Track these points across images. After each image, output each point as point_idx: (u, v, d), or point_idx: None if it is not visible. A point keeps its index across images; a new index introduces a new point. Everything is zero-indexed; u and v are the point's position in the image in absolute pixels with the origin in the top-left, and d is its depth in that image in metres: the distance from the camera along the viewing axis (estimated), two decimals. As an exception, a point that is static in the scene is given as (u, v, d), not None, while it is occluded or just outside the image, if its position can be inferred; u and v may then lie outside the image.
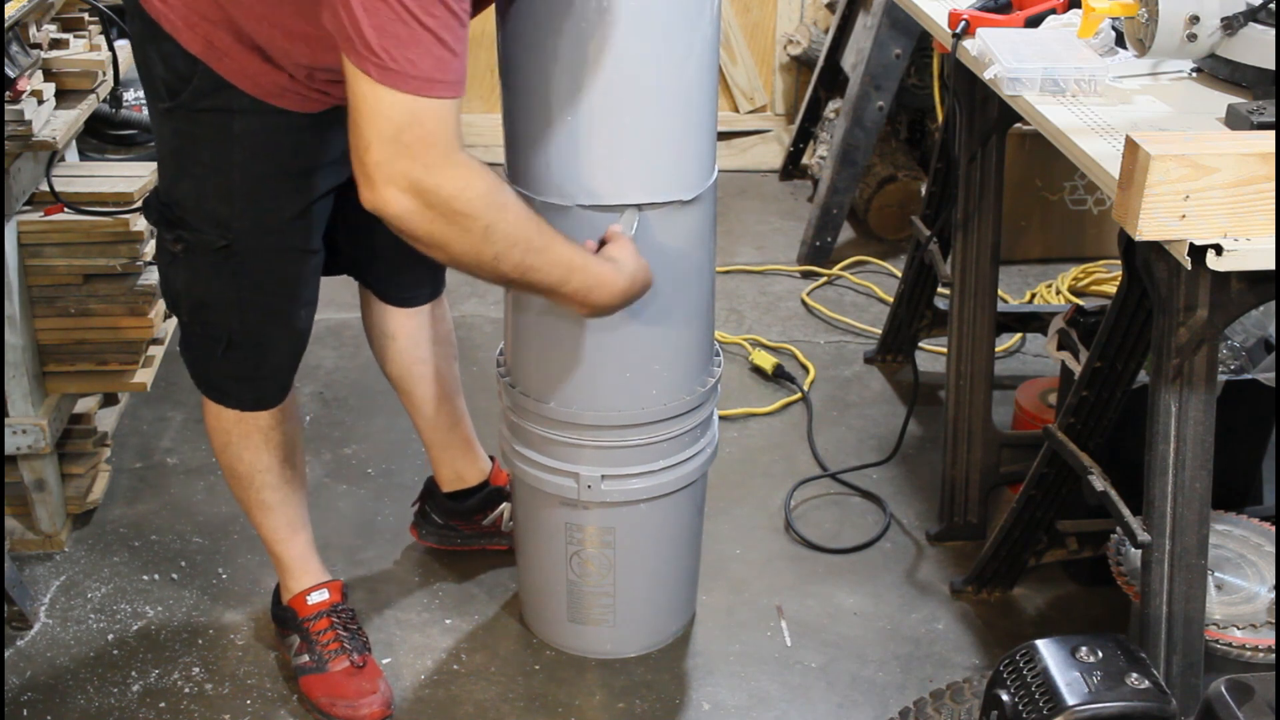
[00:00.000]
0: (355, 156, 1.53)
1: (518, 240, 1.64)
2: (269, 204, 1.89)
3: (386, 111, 1.49)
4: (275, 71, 1.77)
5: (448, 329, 2.34)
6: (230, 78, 1.77)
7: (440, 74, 1.50)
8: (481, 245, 1.61)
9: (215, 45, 1.76)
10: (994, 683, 1.62)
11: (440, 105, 1.51)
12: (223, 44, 1.75)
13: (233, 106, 1.78)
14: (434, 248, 1.60)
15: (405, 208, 1.53)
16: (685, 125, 1.88)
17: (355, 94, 1.51)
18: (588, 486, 2.07)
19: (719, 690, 2.23)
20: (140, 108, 3.52)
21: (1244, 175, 1.53)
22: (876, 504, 2.70)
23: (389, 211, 1.54)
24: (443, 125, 1.52)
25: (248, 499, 2.15)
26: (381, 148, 1.50)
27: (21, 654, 2.27)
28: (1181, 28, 1.86)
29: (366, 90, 1.49)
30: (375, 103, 1.49)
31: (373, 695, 2.14)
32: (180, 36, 1.76)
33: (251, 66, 1.77)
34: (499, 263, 1.64)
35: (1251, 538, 2.04)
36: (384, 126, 1.50)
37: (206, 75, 1.78)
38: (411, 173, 1.52)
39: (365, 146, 1.51)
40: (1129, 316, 1.93)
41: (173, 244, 1.93)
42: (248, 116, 1.80)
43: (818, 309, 3.47)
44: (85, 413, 2.60)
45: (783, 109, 4.51)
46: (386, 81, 1.48)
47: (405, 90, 1.48)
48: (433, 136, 1.51)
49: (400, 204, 1.53)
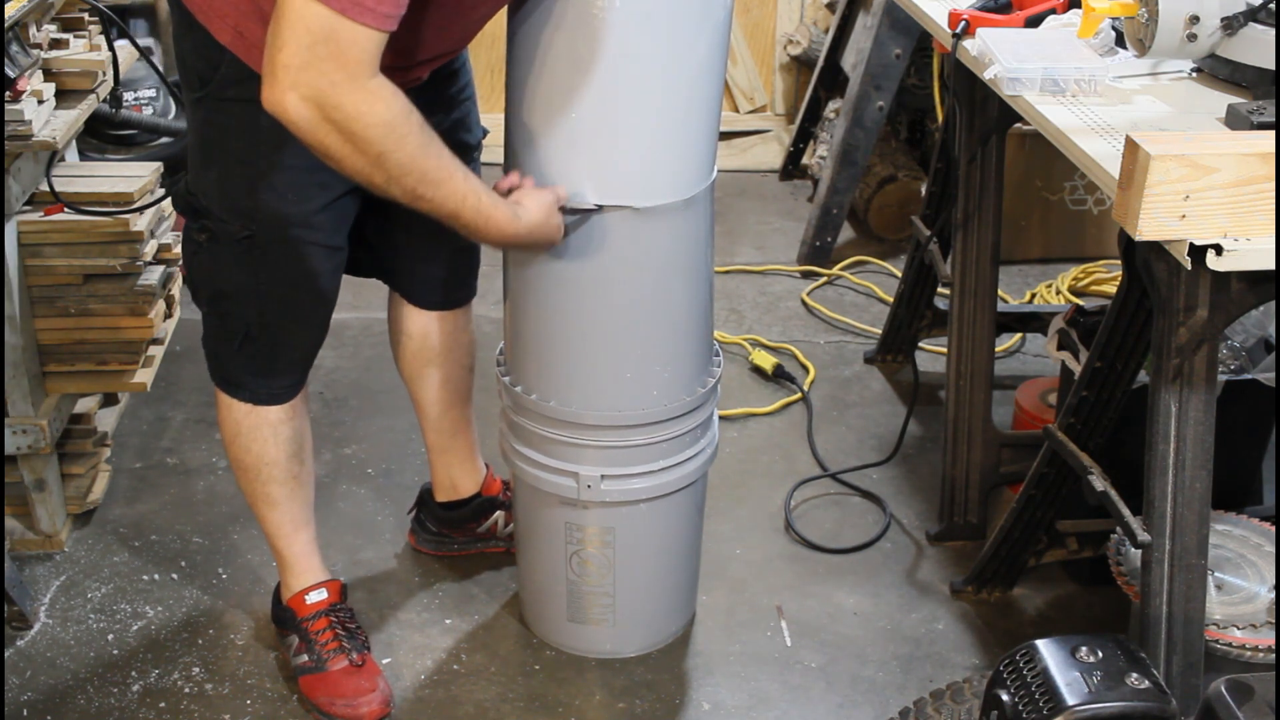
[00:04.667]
0: (267, 54, 1.56)
1: (411, 171, 1.67)
2: (293, 196, 1.90)
3: (308, 20, 1.53)
4: None
5: (468, 339, 2.35)
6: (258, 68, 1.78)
7: (371, 2, 1.53)
8: (372, 169, 1.64)
9: (245, 35, 1.77)
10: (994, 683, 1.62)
11: (360, 30, 1.54)
12: (252, 34, 1.76)
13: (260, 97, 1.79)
14: (325, 158, 1.64)
15: (302, 115, 1.57)
16: (686, 126, 1.89)
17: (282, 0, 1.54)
18: (588, 486, 2.07)
19: (719, 690, 2.23)
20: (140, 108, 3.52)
21: (1244, 175, 1.53)
22: (876, 504, 2.70)
23: (286, 115, 1.58)
24: (357, 48, 1.55)
25: (253, 492, 2.16)
26: (295, 52, 1.54)
27: (21, 654, 2.27)
28: (1181, 28, 1.86)
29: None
30: (300, 9, 1.52)
31: (372, 694, 2.14)
32: (211, 25, 1.79)
33: None
34: (390, 186, 1.68)
35: (1251, 538, 2.04)
36: (301, 33, 1.53)
37: (234, 64, 1.79)
38: (317, 83, 1.55)
39: (279, 46, 1.54)
40: (1129, 316, 1.93)
41: (198, 233, 1.95)
42: None
43: (818, 309, 3.47)
44: (85, 413, 2.61)
45: (783, 109, 4.51)
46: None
47: (331, 6, 1.52)
48: (345, 56, 1.54)
49: (298, 110, 1.57)
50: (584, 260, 1.92)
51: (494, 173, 2.07)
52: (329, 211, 1.94)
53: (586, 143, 1.85)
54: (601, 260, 1.93)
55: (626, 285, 1.96)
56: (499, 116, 1.95)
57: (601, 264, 1.93)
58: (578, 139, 1.85)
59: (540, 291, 1.99)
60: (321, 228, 1.94)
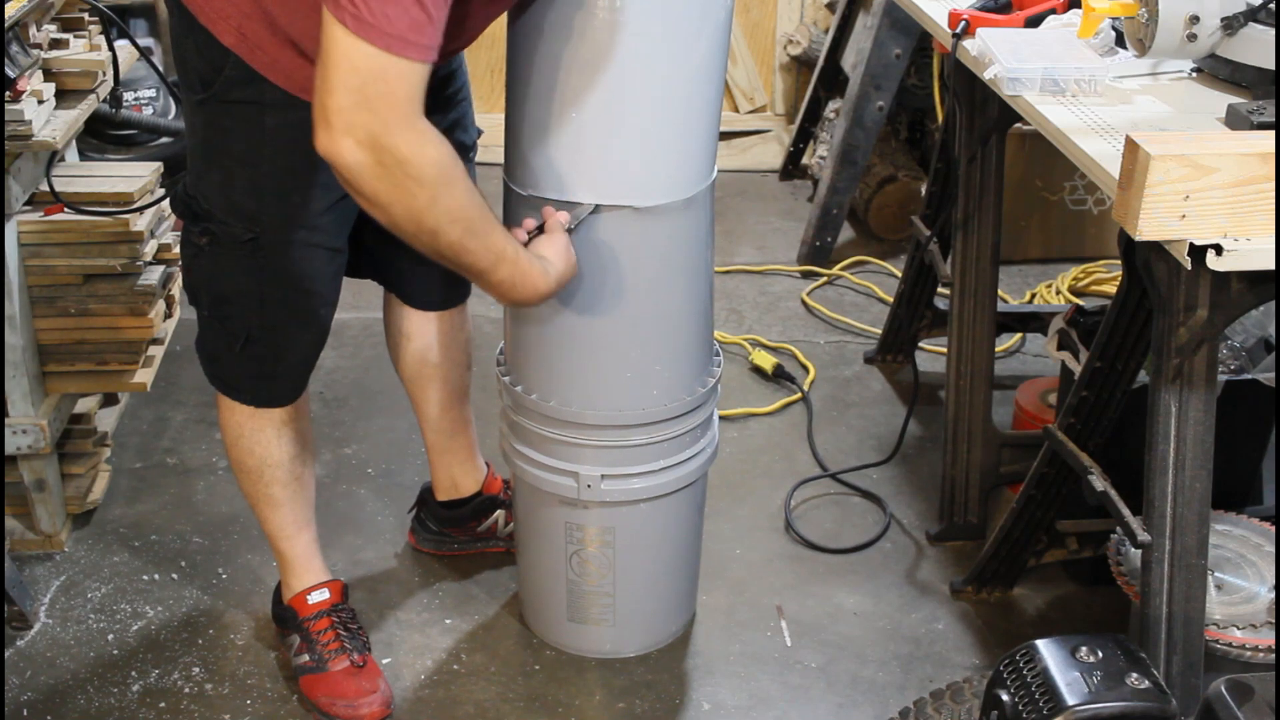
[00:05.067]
0: (317, 99, 1.55)
1: (459, 219, 1.66)
2: (297, 198, 1.89)
3: (356, 62, 1.51)
4: (309, 66, 1.76)
5: (465, 338, 2.35)
6: (263, 70, 1.78)
7: (414, 35, 1.52)
8: (424, 214, 1.63)
9: (248, 37, 1.77)
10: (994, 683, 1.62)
11: (409, 66, 1.53)
12: (256, 36, 1.76)
13: (264, 100, 1.79)
14: (377, 206, 1.62)
15: (358, 160, 1.55)
16: (686, 126, 1.89)
17: (328, 40, 1.53)
18: (587, 486, 2.07)
19: (719, 690, 2.23)
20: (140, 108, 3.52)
21: (1244, 175, 1.53)
22: (876, 504, 2.70)
23: (341, 161, 1.56)
24: (407, 86, 1.54)
25: (255, 494, 2.16)
26: (345, 95, 1.52)
27: (21, 654, 2.27)
28: (1181, 28, 1.86)
29: (340, 38, 1.51)
30: (347, 51, 1.51)
31: (372, 695, 2.14)
32: (214, 27, 1.78)
33: (284, 60, 1.77)
34: (437, 237, 1.66)
35: (1251, 538, 2.04)
36: (350, 77, 1.52)
37: (238, 66, 1.79)
38: (371, 126, 1.54)
39: (329, 91, 1.53)
40: (1129, 316, 1.93)
41: (198, 236, 1.94)
42: (280, 110, 1.81)
43: (818, 309, 3.47)
44: (85, 413, 2.61)
45: (783, 109, 4.51)
46: (361, 33, 1.50)
47: (377, 45, 1.50)
48: (396, 95, 1.54)
49: (354, 156, 1.55)
50: (584, 260, 1.92)
51: (489, 172, 2.08)
52: (332, 213, 1.93)
53: (586, 142, 1.85)
54: (601, 260, 1.93)
55: (626, 285, 1.96)
56: (499, 117, 1.95)
57: (601, 264, 1.93)
58: (578, 139, 1.84)
59: (540, 291, 1.99)
60: (324, 230, 1.94)
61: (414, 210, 1.62)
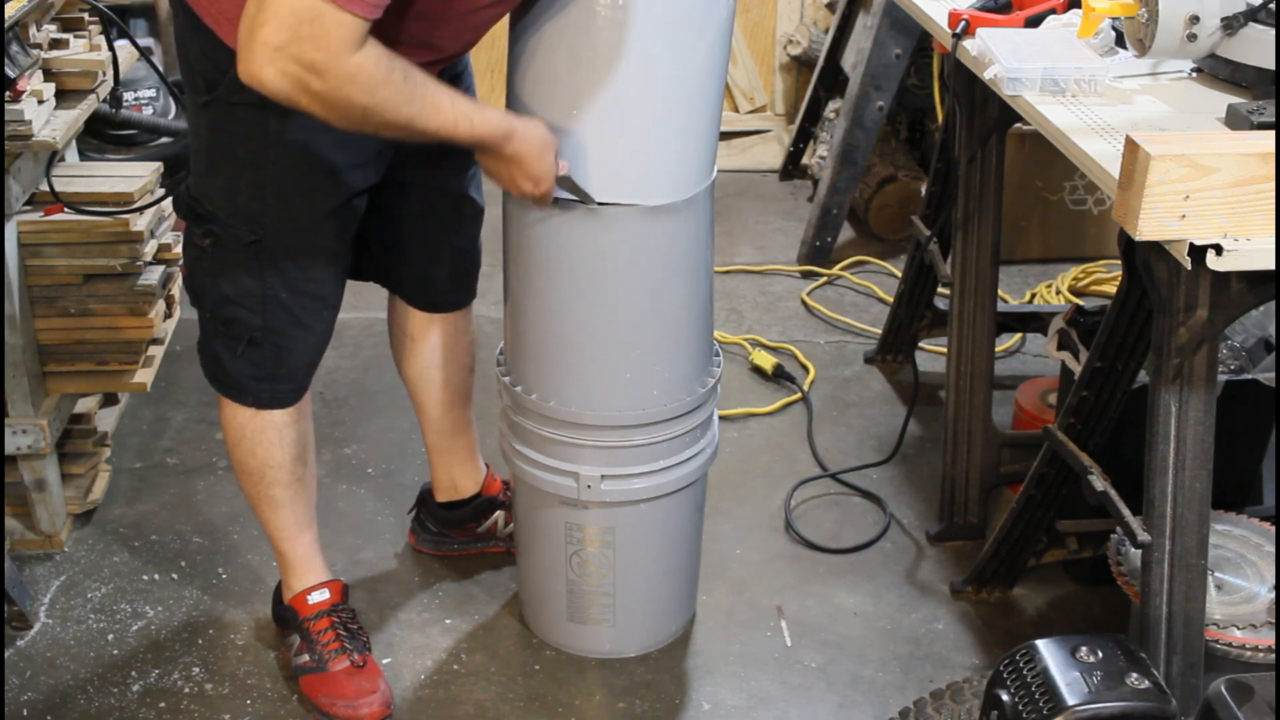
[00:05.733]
0: (245, 26, 1.57)
1: (397, 120, 1.68)
2: (301, 201, 1.90)
3: (296, 3, 1.54)
4: None
5: (469, 340, 2.35)
6: None
7: None
8: (360, 124, 1.67)
9: None
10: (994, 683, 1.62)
11: (345, 16, 1.55)
12: None
13: (268, 102, 1.79)
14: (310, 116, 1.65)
15: (280, 86, 1.59)
16: (686, 126, 1.89)
17: None
18: (587, 486, 2.07)
19: (719, 690, 2.23)
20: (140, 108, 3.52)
21: (1244, 175, 1.53)
22: (876, 504, 2.70)
23: (262, 87, 1.60)
24: (341, 31, 1.56)
25: (257, 494, 2.16)
26: (276, 30, 1.54)
27: (21, 654, 2.27)
28: (1181, 28, 1.86)
29: None
30: None
31: (373, 695, 2.14)
32: (220, 29, 1.78)
33: None
34: (381, 131, 1.70)
35: (1251, 538, 2.04)
36: (285, 12, 1.54)
37: None
38: (295, 63, 1.56)
39: (261, 21, 1.55)
40: (1129, 316, 1.93)
41: (201, 239, 1.94)
42: (284, 113, 1.80)
43: (818, 309, 3.47)
44: (85, 413, 2.61)
45: (783, 109, 4.51)
46: None
47: None
48: (327, 39, 1.56)
49: (275, 83, 1.59)
50: (584, 260, 1.92)
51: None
52: (336, 216, 1.94)
53: (587, 142, 1.85)
54: (602, 260, 1.93)
55: (627, 285, 1.96)
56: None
57: (601, 263, 1.93)
58: (578, 138, 1.84)
59: (540, 291, 1.99)
60: (328, 232, 1.94)
61: (347, 123, 1.66)
